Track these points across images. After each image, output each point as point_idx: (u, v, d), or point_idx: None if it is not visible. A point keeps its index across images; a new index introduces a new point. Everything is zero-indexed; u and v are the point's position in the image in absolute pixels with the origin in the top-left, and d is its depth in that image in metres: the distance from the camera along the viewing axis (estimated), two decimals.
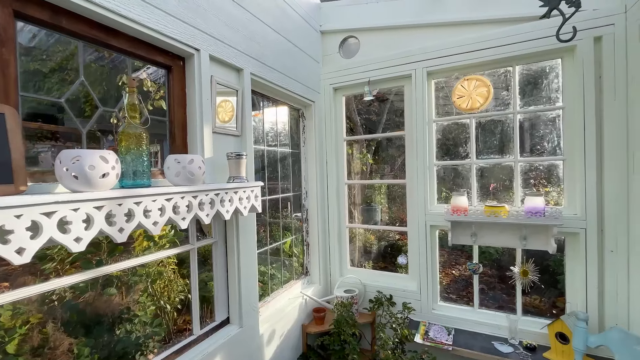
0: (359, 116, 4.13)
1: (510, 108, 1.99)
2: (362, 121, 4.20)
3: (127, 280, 1.79)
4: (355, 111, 3.88)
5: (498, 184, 2.27)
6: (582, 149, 1.73)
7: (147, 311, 1.81)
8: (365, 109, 4.12)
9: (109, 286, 1.68)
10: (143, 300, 1.85)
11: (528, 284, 1.91)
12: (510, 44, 1.88)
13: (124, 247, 1.67)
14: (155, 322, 1.83)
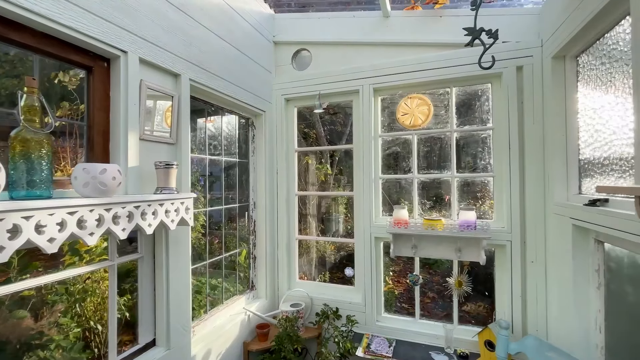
0: (324, 127, 4.17)
1: (448, 126, 2.11)
2: (326, 132, 4.24)
3: (44, 300, 1.60)
4: (320, 122, 3.91)
5: (437, 198, 2.39)
6: (508, 167, 1.88)
7: (69, 334, 1.62)
8: (330, 121, 4.17)
9: (20, 307, 1.48)
10: (65, 322, 1.66)
11: (462, 294, 2.01)
12: (448, 67, 2.00)
13: (51, 263, 1.49)
14: (75, 348, 1.64)
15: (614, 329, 1.37)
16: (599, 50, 1.40)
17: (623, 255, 1.28)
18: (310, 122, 3.88)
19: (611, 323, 1.38)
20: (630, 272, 1.24)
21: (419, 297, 2.17)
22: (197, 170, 2.00)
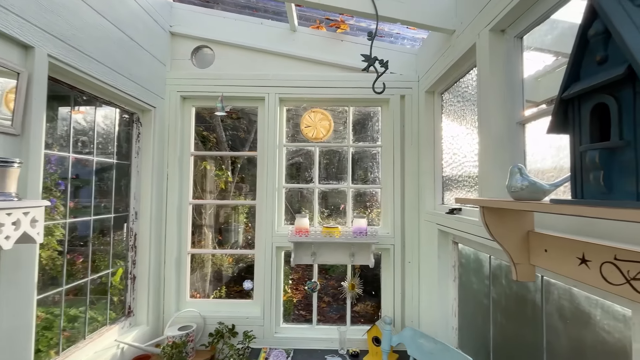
0: (226, 132, 3.92)
1: (346, 141, 2.30)
2: (228, 137, 3.99)
3: None
4: (221, 126, 3.66)
5: (338, 206, 2.56)
6: (392, 180, 2.16)
7: None
8: (233, 125, 3.95)
9: None
10: None
11: (355, 296, 2.18)
12: (347, 87, 2.20)
13: None
14: None
15: (463, 312, 1.71)
16: (456, 90, 1.78)
17: (470, 252, 1.63)
18: (210, 125, 3.61)
19: (462, 308, 1.73)
20: (474, 266, 1.59)
21: (316, 303, 2.24)
22: (56, 172, 1.57)
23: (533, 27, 1.15)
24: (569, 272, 0.81)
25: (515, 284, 1.26)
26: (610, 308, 0.85)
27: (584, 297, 0.93)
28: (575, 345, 0.97)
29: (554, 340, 1.05)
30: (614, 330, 0.84)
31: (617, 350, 0.83)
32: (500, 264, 1.36)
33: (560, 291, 1.01)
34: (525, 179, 0.83)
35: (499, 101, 1.24)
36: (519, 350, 1.25)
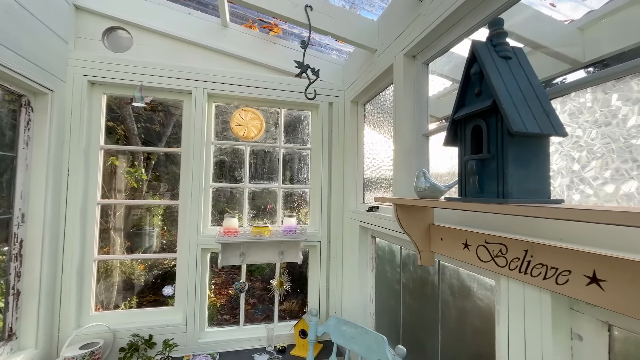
0: (137, 124, 3.50)
1: (277, 142, 2.35)
2: (140, 130, 3.57)
3: None
4: (132, 117, 3.26)
5: (267, 206, 2.58)
6: (320, 181, 2.30)
7: None
8: (147, 117, 3.55)
9: None
10: None
11: (283, 293, 2.24)
12: (280, 90, 2.25)
13: None
14: None
15: (379, 298, 1.94)
16: (376, 102, 2.01)
17: (385, 245, 1.86)
18: (117, 115, 3.21)
19: (378, 294, 1.96)
20: (388, 257, 1.82)
21: (244, 303, 2.23)
22: None
23: (436, 57, 1.41)
24: (457, 255, 1.03)
25: (419, 269, 1.51)
26: (482, 281, 1.11)
27: (466, 275, 1.19)
28: (460, 312, 1.23)
29: (446, 311, 1.30)
30: (485, 297, 1.10)
31: (487, 312, 1.09)
32: (409, 253, 1.60)
33: (451, 271, 1.27)
34: (428, 182, 1.02)
35: (410, 116, 1.48)
36: (421, 324, 1.49)
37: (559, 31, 1.46)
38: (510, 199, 0.68)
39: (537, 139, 0.71)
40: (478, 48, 0.77)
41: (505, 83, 0.73)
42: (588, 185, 0.76)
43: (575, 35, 1.47)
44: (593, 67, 1.47)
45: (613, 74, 0.73)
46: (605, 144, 0.73)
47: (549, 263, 0.72)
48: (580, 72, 1.25)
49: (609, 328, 0.70)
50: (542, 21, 1.43)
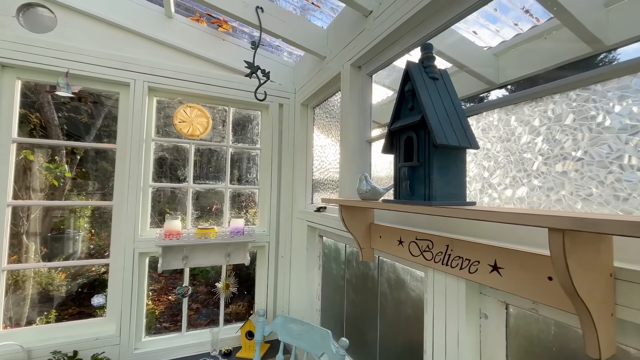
0: (59, 113, 3.08)
1: (225, 141, 2.29)
2: (62, 121, 3.15)
3: None
4: (52, 105, 2.86)
5: (212, 207, 2.50)
6: (270, 181, 2.31)
7: None
8: (72, 107, 3.14)
9: None
10: None
11: (229, 296, 2.20)
12: (229, 88, 2.20)
13: None
14: None
15: (325, 295, 2.03)
16: (325, 107, 2.09)
17: (331, 243, 1.95)
18: (32, 102, 2.82)
19: (324, 291, 2.04)
20: (334, 255, 1.92)
21: (186, 309, 2.13)
22: None
23: (379, 69, 1.53)
24: (393, 250, 1.15)
25: (361, 265, 1.62)
26: (414, 273, 1.25)
27: (401, 268, 1.32)
28: (396, 303, 1.36)
29: (384, 302, 1.42)
30: (416, 288, 1.24)
31: (418, 301, 1.23)
32: (352, 250, 1.71)
33: (389, 266, 1.40)
34: (369, 185, 1.12)
35: (355, 122, 1.58)
36: (363, 316, 1.61)
37: (479, 55, 1.69)
38: (434, 201, 0.80)
39: (456, 150, 0.84)
40: (411, 69, 0.88)
41: (432, 101, 0.84)
42: (494, 190, 0.92)
43: (491, 60, 1.71)
44: (504, 89, 1.74)
45: (511, 100, 0.90)
46: (506, 156, 0.90)
47: (464, 255, 0.86)
48: (496, 92, 1.50)
49: (506, 307, 0.86)
50: (467, 45, 1.65)
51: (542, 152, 0.80)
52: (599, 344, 0.54)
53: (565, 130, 0.75)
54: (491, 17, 1.53)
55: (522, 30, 1.58)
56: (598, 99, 0.69)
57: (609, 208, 0.66)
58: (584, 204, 0.71)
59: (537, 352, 0.79)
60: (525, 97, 0.86)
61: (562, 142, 0.76)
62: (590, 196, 0.69)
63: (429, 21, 1.17)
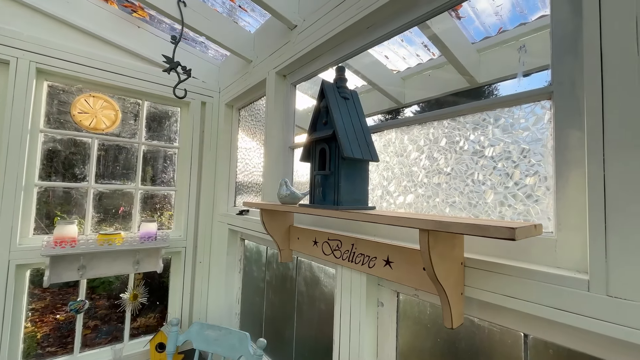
0: None
1: (137, 138, 2.09)
2: None
3: None
4: None
5: (119, 209, 2.24)
6: (189, 183, 2.19)
7: None
8: None
9: None
10: None
11: (137, 307, 2.00)
12: (143, 80, 2.01)
13: None
14: None
15: (245, 298, 2.02)
16: (251, 110, 2.10)
17: (253, 246, 1.96)
18: None
19: (244, 295, 2.04)
20: (255, 257, 1.93)
21: (80, 328, 1.87)
22: None
23: (303, 80, 1.62)
24: (309, 251, 1.24)
25: (281, 266, 1.68)
26: (328, 271, 1.36)
27: (316, 267, 1.43)
28: (311, 299, 1.46)
29: (301, 300, 1.51)
30: (329, 284, 1.36)
31: (330, 297, 1.35)
32: (273, 252, 1.76)
33: (306, 265, 1.49)
34: (288, 189, 1.19)
35: (279, 128, 1.64)
36: (281, 315, 1.67)
37: (390, 77, 1.94)
38: (341, 206, 0.91)
39: (360, 162, 0.97)
40: (326, 87, 0.98)
41: (342, 118, 0.96)
42: (391, 196, 1.09)
43: (399, 83, 1.98)
44: (408, 109, 2.01)
45: (405, 122, 1.08)
46: (400, 169, 1.07)
47: (365, 252, 1.00)
48: (407, 109, 1.74)
49: (397, 295, 1.03)
50: (380, 67, 1.87)
51: (425, 167, 0.99)
52: (452, 317, 0.71)
53: (440, 151, 0.95)
54: (399, 46, 1.78)
55: (423, 60, 1.87)
56: (460, 127, 0.90)
57: (465, 212, 0.87)
58: (451, 209, 0.91)
59: (417, 329, 0.97)
60: (415, 120, 1.05)
61: (438, 160, 0.95)
62: (455, 203, 0.89)
63: (347, 43, 1.30)
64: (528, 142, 0.76)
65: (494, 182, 0.81)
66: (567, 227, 0.66)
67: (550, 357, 0.70)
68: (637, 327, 0.52)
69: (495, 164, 0.81)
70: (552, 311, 0.61)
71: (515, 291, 0.66)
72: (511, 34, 1.44)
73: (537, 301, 0.63)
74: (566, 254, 0.65)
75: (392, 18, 1.10)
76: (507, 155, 0.79)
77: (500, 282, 0.69)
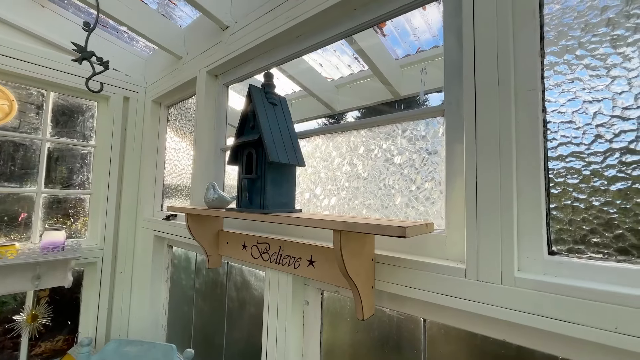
0: None
1: (40, 133, 1.81)
2: None
3: None
4: None
5: (19, 216, 1.91)
6: (107, 186, 1.98)
7: None
8: None
9: None
10: None
11: (36, 329, 1.73)
12: (49, 68, 1.76)
13: None
14: None
15: (173, 308, 1.90)
16: (181, 108, 1.99)
17: (182, 253, 1.86)
18: None
19: (172, 305, 1.91)
20: (184, 264, 1.83)
21: None
22: None
23: (235, 82, 1.60)
24: (238, 255, 1.23)
25: (211, 272, 1.63)
26: (258, 274, 1.37)
27: (247, 271, 1.42)
28: (242, 304, 1.44)
29: (231, 305, 1.48)
30: (259, 287, 1.36)
31: (260, 300, 1.35)
32: (203, 259, 1.69)
33: (237, 270, 1.47)
34: (216, 193, 1.17)
35: (210, 129, 1.59)
36: (211, 323, 1.61)
37: (324, 85, 2.02)
38: (266, 209, 0.93)
39: (287, 167, 1.00)
40: (253, 92, 1.00)
41: (269, 123, 0.98)
42: (317, 199, 1.15)
43: (333, 91, 2.07)
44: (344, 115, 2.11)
45: (329, 130, 1.15)
46: (325, 173, 1.14)
47: (291, 254, 1.03)
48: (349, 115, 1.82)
49: (322, 293, 1.08)
50: (314, 74, 1.94)
51: (346, 172, 1.07)
52: (363, 309, 0.78)
53: (359, 157, 1.03)
54: (332, 56, 1.87)
55: (354, 71, 2.00)
56: (375, 137, 0.99)
57: (378, 213, 0.96)
58: (367, 210, 0.99)
59: (338, 323, 1.04)
60: (338, 128, 1.12)
61: (357, 166, 1.04)
62: (370, 205, 0.98)
63: (279, 49, 1.33)
64: (427, 151, 0.88)
65: (401, 186, 0.91)
66: (454, 225, 0.78)
67: (442, 336, 0.82)
68: (496, 304, 0.64)
69: (402, 170, 0.92)
70: (441, 297, 0.72)
71: (415, 282, 0.76)
72: (426, 54, 1.63)
73: (431, 289, 0.74)
74: (453, 248, 0.78)
75: (319, 30, 1.16)
76: (412, 163, 0.90)
77: (404, 275, 0.78)
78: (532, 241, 0.66)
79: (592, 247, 0.62)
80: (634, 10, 0.60)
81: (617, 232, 0.59)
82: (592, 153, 0.62)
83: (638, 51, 0.59)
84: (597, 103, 0.62)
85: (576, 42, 0.66)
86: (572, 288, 0.56)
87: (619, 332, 0.52)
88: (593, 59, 0.64)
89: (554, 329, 0.57)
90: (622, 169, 0.59)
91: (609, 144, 0.61)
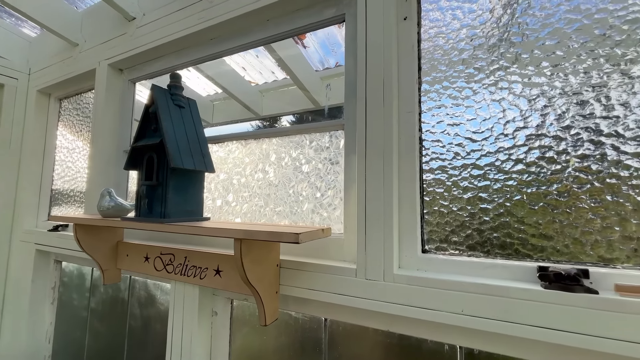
0: None
1: None
2: None
3: None
4: None
5: None
6: None
7: None
8: None
9: None
10: None
11: None
12: None
13: None
14: None
15: (61, 334, 1.63)
16: (77, 102, 1.73)
17: (74, 269, 1.61)
18: None
19: (59, 330, 1.63)
20: (77, 282, 1.59)
21: None
22: None
23: (143, 79, 1.47)
24: (139, 268, 1.12)
25: (110, 288, 1.45)
26: (164, 287, 1.27)
27: (152, 284, 1.31)
28: (146, 321, 1.32)
29: (133, 323, 1.34)
30: (165, 301, 1.26)
31: (167, 315, 1.26)
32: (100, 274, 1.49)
33: (140, 284, 1.34)
34: (113, 201, 1.05)
35: (112, 129, 1.42)
36: (108, 345, 1.43)
37: (247, 88, 1.99)
38: (168, 218, 0.87)
39: (194, 173, 0.96)
40: (156, 93, 0.93)
41: (174, 127, 0.93)
42: (229, 206, 1.13)
43: (258, 96, 2.06)
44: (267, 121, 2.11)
45: (242, 136, 1.15)
46: (238, 179, 1.13)
47: (197, 264, 0.99)
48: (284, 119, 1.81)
49: (231, 302, 1.06)
50: (237, 77, 1.91)
51: (259, 179, 1.08)
52: (265, 315, 0.80)
53: (270, 165, 1.05)
54: (255, 60, 1.87)
55: (278, 78, 2.02)
56: (286, 145, 1.03)
57: (287, 219, 0.99)
58: (277, 216, 1.02)
59: (247, 331, 1.03)
60: (251, 135, 1.12)
61: (268, 173, 1.05)
62: (280, 211, 1.01)
63: (192, 50, 1.27)
64: (331, 161, 0.94)
65: (308, 193, 0.96)
66: (350, 229, 0.85)
67: (340, 332, 0.89)
68: (379, 299, 0.72)
69: (309, 178, 0.97)
70: (337, 297, 0.78)
71: (316, 284, 0.81)
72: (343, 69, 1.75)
73: (329, 290, 0.79)
74: (349, 250, 0.85)
75: (234, 35, 1.15)
76: (317, 172, 0.96)
77: (307, 278, 0.82)
78: (410, 241, 0.76)
79: (452, 245, 0.75)
80: (480, 55, 0.75)
81: (467, 232, 0.73)
82: (452, 167, 0.76)
83: (482, 87, 0.74)
84: (455, 127, 0.76)
85: (442, 75, 0.79)
86: (433, 280, 0.67)
87: (464, 314, 0.64)
88: (454, 90, 0.78)
89: (416, 315, 0.67)
90: (471, 181, 0.73)
91: (463, 160, 0.75)
